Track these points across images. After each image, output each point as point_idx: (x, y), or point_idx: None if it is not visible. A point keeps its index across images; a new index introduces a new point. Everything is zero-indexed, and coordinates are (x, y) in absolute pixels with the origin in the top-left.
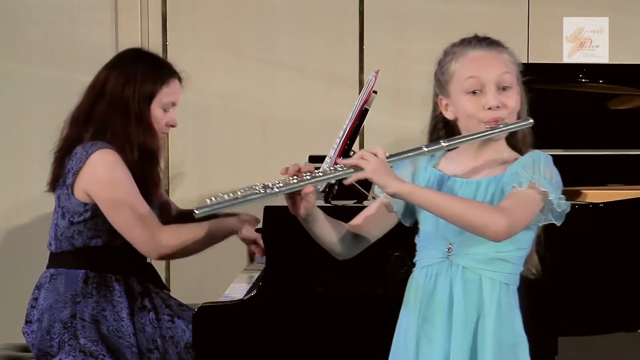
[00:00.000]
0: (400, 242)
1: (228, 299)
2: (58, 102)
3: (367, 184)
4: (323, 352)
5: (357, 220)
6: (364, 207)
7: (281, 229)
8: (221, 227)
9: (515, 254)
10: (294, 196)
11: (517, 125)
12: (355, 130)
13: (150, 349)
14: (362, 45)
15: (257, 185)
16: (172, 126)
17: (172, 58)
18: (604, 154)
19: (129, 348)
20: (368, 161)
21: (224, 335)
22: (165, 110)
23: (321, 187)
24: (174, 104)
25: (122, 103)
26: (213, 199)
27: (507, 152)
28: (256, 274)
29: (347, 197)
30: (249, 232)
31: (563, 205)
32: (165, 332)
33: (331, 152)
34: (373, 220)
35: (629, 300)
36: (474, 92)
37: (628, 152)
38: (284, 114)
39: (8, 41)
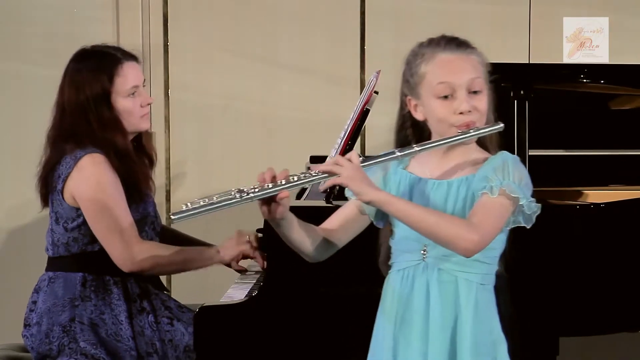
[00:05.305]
0: None
1: (229, 300)
2: None
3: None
4: (324, 353)
5: (331, 224)
6: None
7: None
8: (200, 257)
9: (489, 254)
10: (269, 201)
11: (488, 129)
12: (357, 131)
13: (150, 352)
14: (363, 45)
15: (233, 191)
16: (149, 104)
17: (173, 58)
18: (605, 154)
19: (128, 351)
20: (343, 167)
21: (225, 336)
22: (132, 95)
23: (322, 187)
24: (136, 86)
25: (81, 112)
26: (189, 204)
27: (477, 152)
28: (257, 275)
29: (347, 198)
30: (230, 252)
31: (533, 208)
32: (164, 335)
33: (332, 152)
34: (347, 225)
35: (630, 300)
36: (445, 97)
37: (628, 152)
38: (285, 114)
39: (8, 41)
